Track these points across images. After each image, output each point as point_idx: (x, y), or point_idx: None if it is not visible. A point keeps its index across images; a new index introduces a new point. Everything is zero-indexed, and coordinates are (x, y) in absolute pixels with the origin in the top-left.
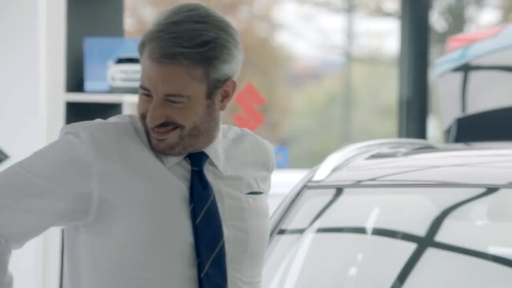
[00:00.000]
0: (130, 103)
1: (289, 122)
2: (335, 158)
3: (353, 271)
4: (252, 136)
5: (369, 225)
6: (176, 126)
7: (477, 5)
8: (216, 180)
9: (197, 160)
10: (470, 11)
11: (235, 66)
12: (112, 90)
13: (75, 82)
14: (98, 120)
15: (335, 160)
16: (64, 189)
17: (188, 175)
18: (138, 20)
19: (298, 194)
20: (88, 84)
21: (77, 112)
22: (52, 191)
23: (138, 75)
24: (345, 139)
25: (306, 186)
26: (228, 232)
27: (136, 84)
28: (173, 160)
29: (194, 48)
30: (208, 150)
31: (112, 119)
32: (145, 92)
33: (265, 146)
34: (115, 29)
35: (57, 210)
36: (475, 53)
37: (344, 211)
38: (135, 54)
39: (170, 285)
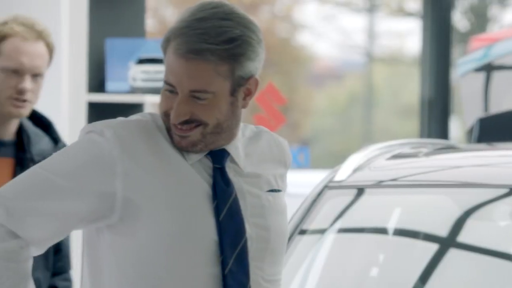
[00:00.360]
0: (151, 103)
1: (310, 122)
2: (357, 158)
3: (374, 271)
4: (268, 133)
5: (391, 225)
6: (199, 123)
7: (500, 4)
8: (237, 177)
9: (219, 157)
10: (493, 10)
11: (258, 64)
12: (133, 91)
13: (97, 82)
14: (120, 118)
15: (357, 160)
16: (87, 188)
17: (209, 172)
18: (160, 21)
19: (319, 194)
20: (110, 85)
21: (98, 113)
22: (75, 191)
23: (159, 76)
24: (367, 139)
25: (327, 187)
26: (250, 229)
27: (157, 85)
28: (195, 157)
29: (220, 45)
30: (229, 148)
31: (134, 117)
32: (169, 88)
33: (281, 143)
34: (137, 30)
35: (80, 210)
36: (498, 52)
37: (365, 212)
38: (156, 54)
39: (194, 283)
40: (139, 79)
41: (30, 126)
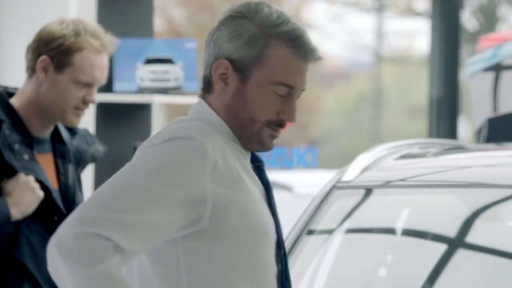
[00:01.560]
0: (159, 103)
1: (319, 123)
2: (365, 158)
3: (382, 272)
4: None
5: (399, 225)
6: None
7: (509, 4)
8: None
9: (257, 156)
10: (502, 10)
11: None
12: (141, 91)
13: (105, 82)
14: (195, 124)
15: (365, 161)
16: (186, 195)
17: (254, 171)
18: (168, 21)
19: (327, 194)
20: (117, 85)
21: (106, 113)
22: (177, 198)
23: (167, 76)
24: (375, 139)
25: (336, 187)
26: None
27: (165, 85)
28: (248, 156)
29: None
30: None
31: (195, 123)
32: (287, 91)
33: None
34: (145, 30)
35: (179, 218)
36: (507, 52)
37: (373, 212)
38: (164, 54)
39: (269, 280)
40: (147, 79)
41: None
